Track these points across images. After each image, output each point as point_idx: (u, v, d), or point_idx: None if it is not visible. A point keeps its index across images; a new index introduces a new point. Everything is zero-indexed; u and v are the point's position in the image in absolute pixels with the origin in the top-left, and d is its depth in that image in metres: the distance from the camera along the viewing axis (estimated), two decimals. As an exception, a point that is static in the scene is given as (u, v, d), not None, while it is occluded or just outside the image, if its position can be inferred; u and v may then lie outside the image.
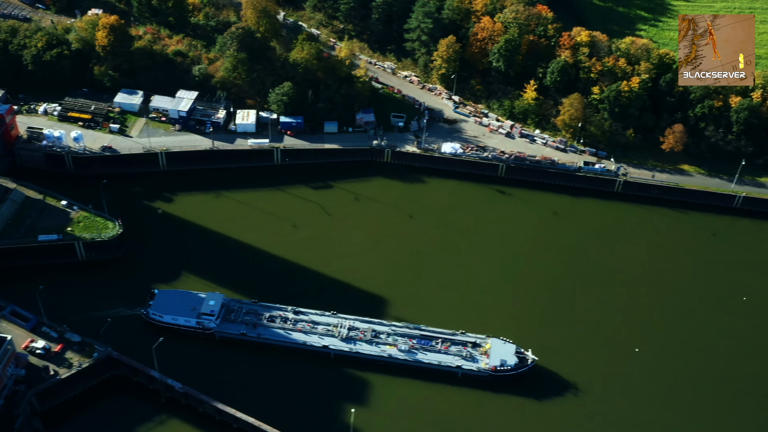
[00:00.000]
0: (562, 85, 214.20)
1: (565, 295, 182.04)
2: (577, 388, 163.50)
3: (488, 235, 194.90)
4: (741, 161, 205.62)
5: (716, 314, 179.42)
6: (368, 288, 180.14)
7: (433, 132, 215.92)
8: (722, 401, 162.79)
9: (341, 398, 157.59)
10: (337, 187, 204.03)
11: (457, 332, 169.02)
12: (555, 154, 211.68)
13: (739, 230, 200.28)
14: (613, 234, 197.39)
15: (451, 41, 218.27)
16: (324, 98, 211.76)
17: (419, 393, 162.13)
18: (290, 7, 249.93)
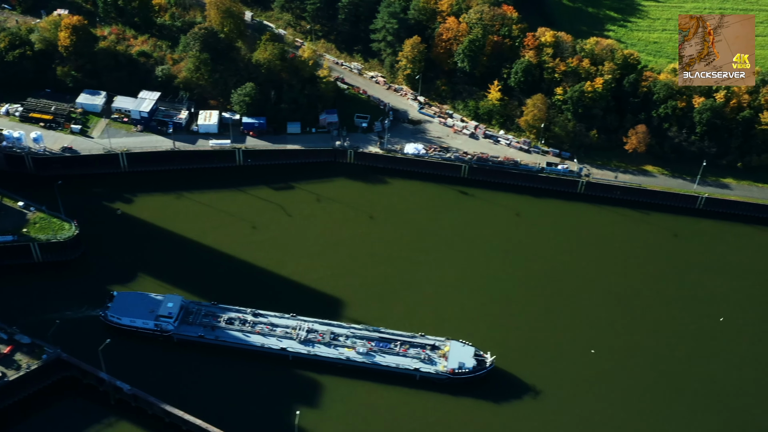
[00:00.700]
0: (527, 85, 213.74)
1: (526, 296, 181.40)
2: (536, 391, 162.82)
3: (449, 236, 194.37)
4: (704, 162, 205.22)
5: (675, 315, 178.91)
6: (328, 290, 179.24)
7: (398, 133, 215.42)
8: (678, 403, 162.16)
9: (295, 401, 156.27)
10: (298, 188, 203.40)
11: (417, 335, 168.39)
12: (518, 154, 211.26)
13: (701, 231, 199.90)
14: (575, 235, 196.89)
15: (415, 42, 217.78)
16: (287, 99, 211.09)
17: (376, 395, 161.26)
18: (258, 8, 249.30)
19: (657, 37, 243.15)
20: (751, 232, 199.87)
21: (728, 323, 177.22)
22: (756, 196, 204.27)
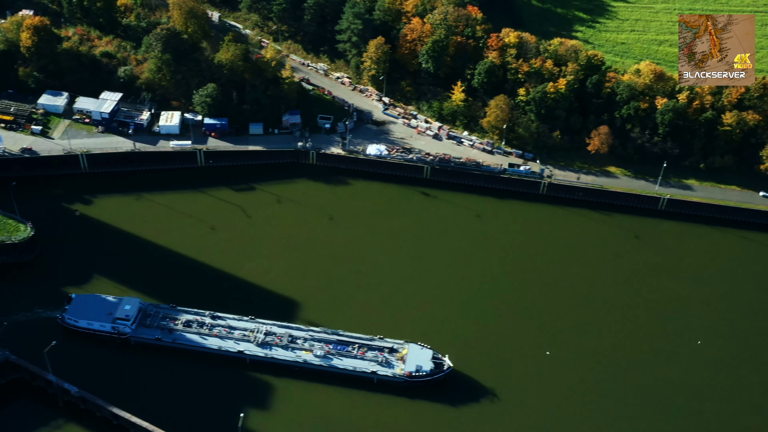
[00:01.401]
0: (490, 86, 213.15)
1: (486, 298, 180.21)
2: (494, 394, 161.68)
3: (410, 237, 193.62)
4: (664, 163, 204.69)
5: (633, 317, 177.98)
6: (286, 291, 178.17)
7: (361, 134, 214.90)
8: (633, 405, 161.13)
9: (247, 404, 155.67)
10: (259, 189, 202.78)
11: (375, 337, 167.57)
12: (481, 155, 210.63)
13: (663, 232, 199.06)
14: (536, 236, 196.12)
15: (379, 42, 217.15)
16: (250, 100, 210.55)
17: (332, 398, 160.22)
18: (226, 8, 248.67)
19: (625, 38, 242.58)
20: (713, 234, 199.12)
21: (686, 325, 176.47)
22: (718, 197, 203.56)
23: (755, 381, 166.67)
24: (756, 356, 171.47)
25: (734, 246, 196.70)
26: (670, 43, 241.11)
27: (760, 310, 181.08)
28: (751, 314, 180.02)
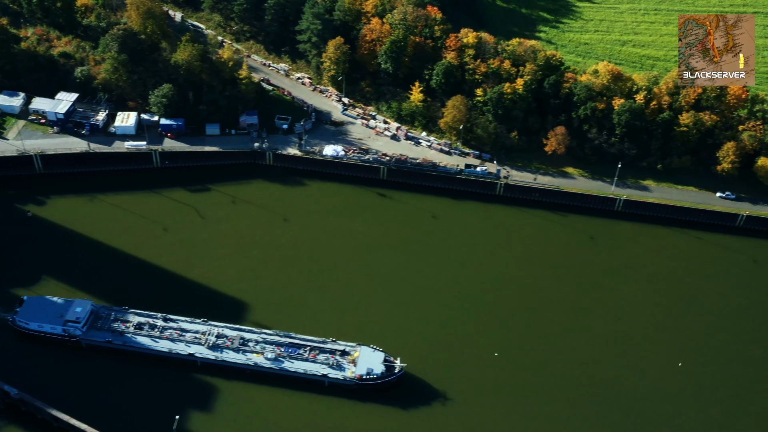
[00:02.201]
0: (449, 86, 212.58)
1: (440, 300, 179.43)
2: (445, 397, 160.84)
3: (365, 238, 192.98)
4: (625, 163, 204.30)
5: (584, 318, 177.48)
6: (240, 293, 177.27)
7: (319, 134, 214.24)
8: (582, 406, 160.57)
9: (193, 407, 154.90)
10: (215, 189, 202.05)
11: (328, 340, 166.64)
12: (438, 156, 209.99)
13: (618, 233, 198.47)
14: (491, 237, 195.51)
15: (338, 43, 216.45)
16: (207, 100, 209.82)
17: (282, 401, 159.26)
18: (189, 8, 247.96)
19: (588, 38, 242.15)
20: (669, 235, 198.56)
21: (637, 326, 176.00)
22: (675, 198, 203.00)
23: (709, 381, 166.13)
24: (709, 356, 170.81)
25: (690, 247, 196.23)
26: (634, 44, 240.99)
27: (714, 310, 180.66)
28: (705, 315, 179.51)
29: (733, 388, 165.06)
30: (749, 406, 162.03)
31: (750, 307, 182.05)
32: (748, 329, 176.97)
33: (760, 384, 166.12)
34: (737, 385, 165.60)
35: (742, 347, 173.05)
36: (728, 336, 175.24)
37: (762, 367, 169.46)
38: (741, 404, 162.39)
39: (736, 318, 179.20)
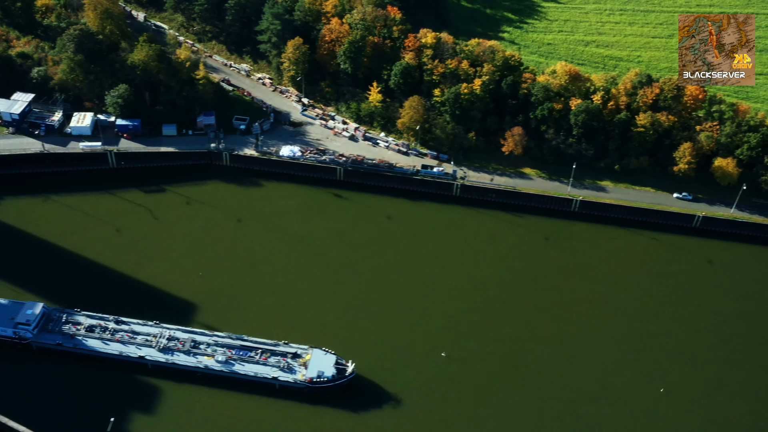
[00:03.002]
0: (407, 87, 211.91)
1: (394, 302, 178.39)
2: (397, 399, 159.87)
3: (319, 239, 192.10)
4: (582, 164, 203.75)
5: (535, 319, 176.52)
6: (192, 295, 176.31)
7: (277, 135, 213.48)
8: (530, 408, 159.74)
9: (137, 409, 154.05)
10: (170, 190, 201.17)
11: (280, 342, 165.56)
12: (396, 157, 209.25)
13: (574, 234, 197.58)
14: (446, 238, 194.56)
15: (297, 43, 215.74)
16: (164, 100, 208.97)
17: (232, 404, 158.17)
18: (153, 9, 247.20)
19: (552, 38, 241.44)
20: (624, 235, 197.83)
21: (588, 327, 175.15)
22: (632, 198, 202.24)
23: (663, 382, 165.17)
24: (663, 357, 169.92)
25: (645, 248, 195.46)
26: (597, 44, 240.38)
27: (667, 311, 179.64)
28: (658, 316, 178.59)
29: (686, 389, 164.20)
30: (703, 406, 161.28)
31: (703, 308, 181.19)
32: (701, 330, 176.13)
33: (713, 383, 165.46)
34: (691, 385, 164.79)
35: (695, 348, 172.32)
36: (682, 337, 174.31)
37: (716, 367, 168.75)
38: (694, 404, 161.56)
39: (690, 319, 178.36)
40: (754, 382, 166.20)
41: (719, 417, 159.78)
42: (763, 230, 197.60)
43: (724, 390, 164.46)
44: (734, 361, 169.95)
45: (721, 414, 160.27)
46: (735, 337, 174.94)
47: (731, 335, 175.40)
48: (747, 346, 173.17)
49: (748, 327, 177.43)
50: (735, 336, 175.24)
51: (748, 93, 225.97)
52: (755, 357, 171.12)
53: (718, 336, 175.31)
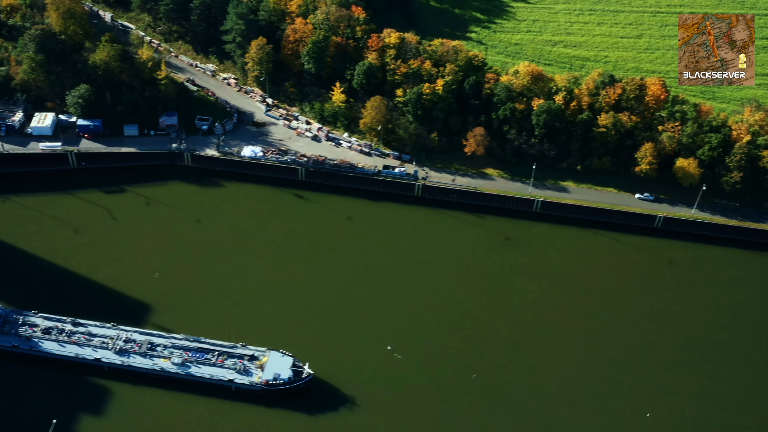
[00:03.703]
0: (371, 87, 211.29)
1: (353, 303, 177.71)
2: (353, 402, 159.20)
3: (278, 240, 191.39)
4: (545, 164, 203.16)
5: (490, 319, 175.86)
6: (149, 297, 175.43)
7: (240, 135, 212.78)
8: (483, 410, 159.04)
9: (87, 412, 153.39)
10: (130, 191, 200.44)
11: (238, 345, 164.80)
12: (358, 157, 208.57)
13: (534, 235, 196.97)
14: (406, 239, 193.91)
15: (261, 43, 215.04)
16: (126, 101, 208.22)
17: (187, 407, 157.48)
18: (120, 9, 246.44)
19: (519, 38, 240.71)
20: (585, 236, 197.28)
21: (540, 328, 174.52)
22: (594, 199, 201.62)
23: (619, 383, 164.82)
24: (620, 358, 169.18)
25: (606, 248, 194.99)
26: (565, 44, 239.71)
27: (626, 312, 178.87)
28: (617, 317, 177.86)
29: (643, 390, 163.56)
30: (659, 408, 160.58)
31: (663, 309, 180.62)
32: (661, 330, 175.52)
33: (671, 385, 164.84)
34: (647, 387, 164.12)
35: (655, 348, 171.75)
36: (641, 337, 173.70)
37: (676, 368, 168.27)
38: (649, 406, 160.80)
39: (649, 320, 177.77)
40: (711, 383, 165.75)
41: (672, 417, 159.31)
42: (724, 231, 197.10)
43: (681, 390, 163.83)
44: (693, 362, 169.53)
45: (675, 413, 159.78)
46: (694, 338, 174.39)
47: (691, 336, 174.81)
48: (706, 347, 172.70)
49: (708, 327, 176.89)
50: (694, 336, 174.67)
51: (714, 93, 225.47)
52: (714, 358, 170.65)
53: (678, 336, 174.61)
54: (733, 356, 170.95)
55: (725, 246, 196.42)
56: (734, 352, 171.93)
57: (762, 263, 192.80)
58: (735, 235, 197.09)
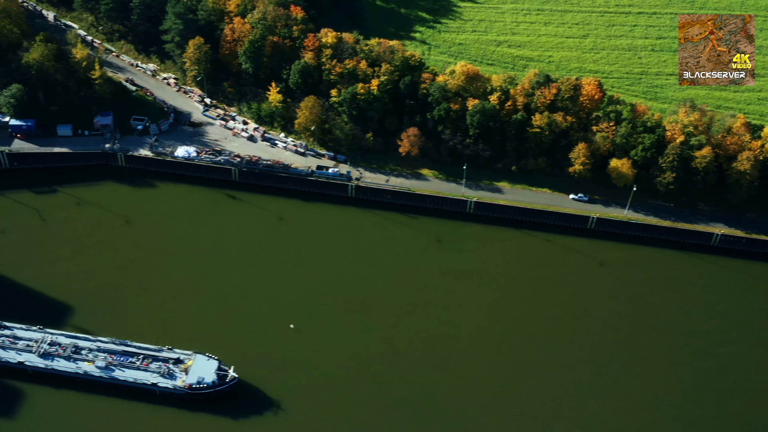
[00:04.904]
0: (307, 87, 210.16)
1: (282, 306, 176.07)
2: (278, 406, 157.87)
3: (208, 241, 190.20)
4: (480, 165, 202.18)
5: (416, 321, 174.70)
6: (77, 299, 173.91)
7: (176, 135, 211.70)
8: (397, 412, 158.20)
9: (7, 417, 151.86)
10: (62, 191, 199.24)
11: (164, 348, 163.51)
12: (292, 157, 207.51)
13: (467, 236, 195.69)
14: (337, 240, 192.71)
15: (198, 42, 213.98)
16: (60, 101, 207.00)
17: (110, 411, 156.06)
18: (63, 8, 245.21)
19: (464, 38, 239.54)
20: (517, 237, 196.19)
21: (466, 330, 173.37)
22: (528, 200, 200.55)
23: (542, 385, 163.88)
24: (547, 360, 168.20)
25: (538, 249, 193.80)
26: (509, 44, 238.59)
27: (555, 313, 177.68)
28: (545, 318, 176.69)
29: (565, 391, 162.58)
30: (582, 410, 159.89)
31: (592, 310, 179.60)
32: (585, 331, 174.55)
33: (595, 386, 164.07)
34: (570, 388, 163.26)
35: (583, 349, 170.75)
36: (568, 338, 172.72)
37: (599, 368, 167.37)
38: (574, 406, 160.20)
39: (576, 320, 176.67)
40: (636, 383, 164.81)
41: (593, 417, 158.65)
42: (656, 231, 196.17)
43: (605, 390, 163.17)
44: (619, 362, 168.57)
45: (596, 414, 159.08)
46: (622, 339, 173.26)
47: (619, 336, 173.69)
48: (634, 348, 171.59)
49: (637, 328, 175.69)
50: (622, 337, 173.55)
51: (657, 93, 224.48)
52: (643, 358, 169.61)
53: (605, 337, 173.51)
54: (658, 356, 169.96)
55: (657, 247, 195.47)
56: (659, 352, 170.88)
57: (693, 264, 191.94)
58: (667, 236, 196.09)
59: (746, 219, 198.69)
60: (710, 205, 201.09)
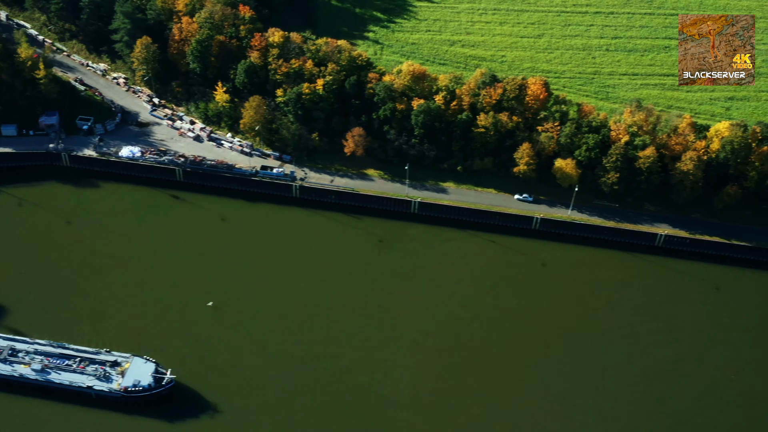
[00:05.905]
0: (254, 86, 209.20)
1: (222, 308, 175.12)
2: (216, 409, 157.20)
3: (148, 242, 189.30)
4: (426, 165, 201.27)
5: (353, 322, 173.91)
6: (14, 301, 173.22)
7: (122, 135, 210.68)
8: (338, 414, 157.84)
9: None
10: (4, 192, 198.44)
11: (102, 350, 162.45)
12: (237, 157, 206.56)
13: (410, 236, 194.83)
14: (279, 240, 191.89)
15: (146, 42, 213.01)
16: (4, 100, 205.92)
17: (45, 414, 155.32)
18: (16, 7, 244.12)
19: (417, 38, 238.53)
20: (460, 237, 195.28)
21: (404, 332, 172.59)
22: (473, 200, 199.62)
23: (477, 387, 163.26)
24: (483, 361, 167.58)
25: (480, 250, 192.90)
26: (463, 44, 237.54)
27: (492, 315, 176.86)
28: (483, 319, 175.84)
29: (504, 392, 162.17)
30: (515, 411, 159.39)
31: (530, 310, 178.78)
32: (523, 332, 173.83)
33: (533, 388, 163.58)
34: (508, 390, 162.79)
35: (524, 350, 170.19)
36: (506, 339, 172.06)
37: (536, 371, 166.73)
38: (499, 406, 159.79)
39: (515, 321, 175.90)
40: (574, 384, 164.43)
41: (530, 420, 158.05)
42: (600, 232, 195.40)
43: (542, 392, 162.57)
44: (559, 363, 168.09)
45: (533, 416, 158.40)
46: (561, 340, 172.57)
47: (557, 338, 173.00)
48: (571, 349, 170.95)
49: (577, 329, 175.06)
50: (561, 338, 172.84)
51: (608, 93, 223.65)
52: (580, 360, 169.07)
53: (544, 338, 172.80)
54: (595, 358, 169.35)
55: (601, 247, 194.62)
56: (596, 353, 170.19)
57: (636, 264, 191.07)
58: (611, 237, 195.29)
59: (691, 219, 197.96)
60: (655, 205, 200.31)
